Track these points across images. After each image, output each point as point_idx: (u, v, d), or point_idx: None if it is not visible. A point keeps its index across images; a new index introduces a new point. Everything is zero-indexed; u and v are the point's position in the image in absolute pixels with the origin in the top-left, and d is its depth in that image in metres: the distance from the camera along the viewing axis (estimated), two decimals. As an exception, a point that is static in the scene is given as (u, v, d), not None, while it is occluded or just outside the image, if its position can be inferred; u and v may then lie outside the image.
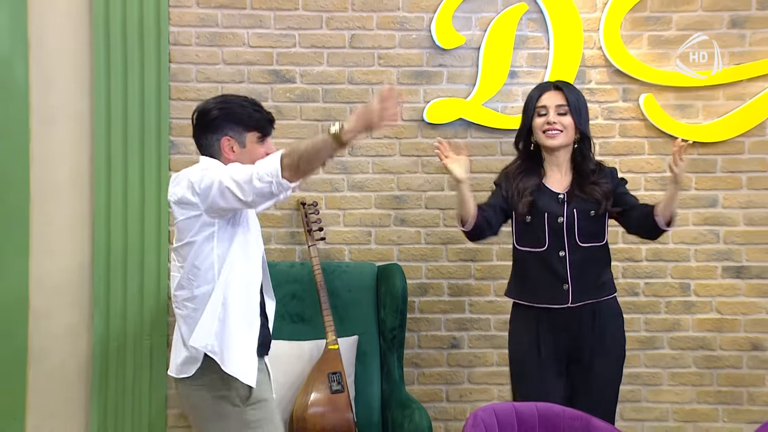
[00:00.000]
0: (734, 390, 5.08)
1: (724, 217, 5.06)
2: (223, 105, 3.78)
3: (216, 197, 3.52)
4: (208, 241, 3.65)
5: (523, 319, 4.34)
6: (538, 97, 4.24)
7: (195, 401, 3.65)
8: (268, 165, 3.44)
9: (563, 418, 3.87)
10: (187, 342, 3.63)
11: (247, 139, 3.75)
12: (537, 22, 5.02)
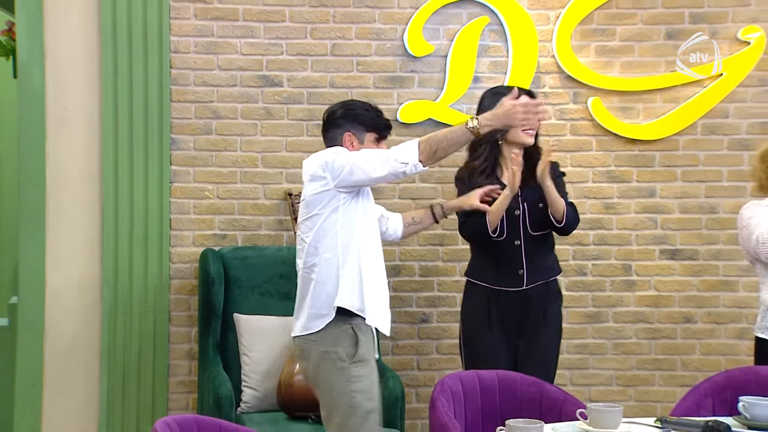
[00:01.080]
0: (669, 358, 5.19)
1: (661, 206, 5.18)
2: (350, 107, 4.08)
3: (346, 174, 3.77)
4: (334, 213, 3.85)
5: (477, 297, 4.43)
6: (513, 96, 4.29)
7: (311, 355, 3.85)
8: (406, 150, 3.72)
9: (520, 383, 3.92)
10: (315, 305, 3.86)
11: (366, 138, 4.01)
12: (497, 33, 5.10)
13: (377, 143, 4.03)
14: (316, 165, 3.89)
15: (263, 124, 5.05)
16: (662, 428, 3.28)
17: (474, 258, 4.52)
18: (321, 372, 3.85)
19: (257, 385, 4.69)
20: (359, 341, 3.81)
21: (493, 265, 4.39)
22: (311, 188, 3.89)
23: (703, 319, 5.20)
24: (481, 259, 4.46)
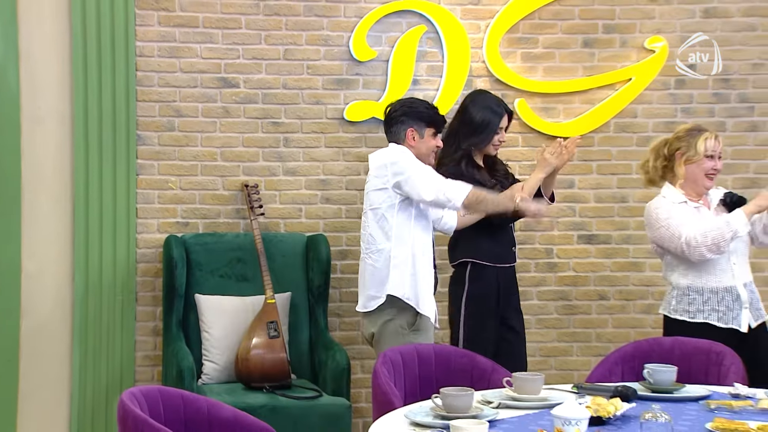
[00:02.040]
0: (585, 331, 5.31)
1: (578, 195, 5.29)
2: (411, 105, 4.36)
3: (401, 182, 4.12)
4: (391, 209, 4.17)
5: (485, 279, 4.51)
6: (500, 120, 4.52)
7: (376, 322, 4.22)
8: (455, 192, 4.10)
9: (454, 355, 3.98)
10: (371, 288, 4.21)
11: (426, 133, 4.30)
12: (434, 41, 5.16)
13: (434, 137, 4.34)
14: (380, 162, 4.21)
15: (222, 121, 5.11)
16: (578, 393, 3.36)
17: (479, 241, 4.54)
18: (383, 337, 4.21)
19: (216, 358, 4.76)
20: (419, 314, 4.15)
21: (498, 245, 4.53)
22: (373, 183, 4.23)
23: (615, 297, 5.31)
24: (489, 241, 4.53)
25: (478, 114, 4.53)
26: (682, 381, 3.57)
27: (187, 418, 3.18)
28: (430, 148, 4.35)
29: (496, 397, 3.32)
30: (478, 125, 4.52)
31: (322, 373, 4.82)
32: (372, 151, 5.08)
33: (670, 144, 4.31)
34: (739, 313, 4.24)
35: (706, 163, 4.23)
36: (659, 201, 4.31)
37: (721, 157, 4.29)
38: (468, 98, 4.67)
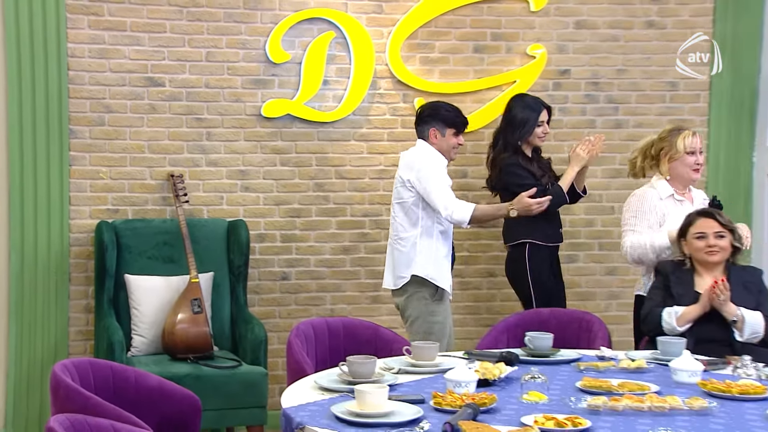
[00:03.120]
0: (477, 304, 5.41)
1: (471, 184, 5.33)
2: (435, 108, 4.54)
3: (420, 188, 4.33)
4: (416, 204, 4.40)
5: (543, 256, 4.72)
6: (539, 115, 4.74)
7: (404, 293, 4.45)
8: (463, 212, 4.30)
9: (360, 327, 4.08)
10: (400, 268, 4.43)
11: (447, 133, 4.49)
12: (342, 45, 5.19)
13: (456, 137, 4.51)
14: (408, 162, 4.42)
15: (149, 117, 5.07)
16: (468, 359, 3.46)
17: (536, 224, 4.64)
18: (409, 305, 4.44)
19: (145, 332, 4.75)
20: (439, 288, 4.39)
21: (551, 227, 4.71)
22: (401, 180, 4.42)
23: (502, 274, 5.22)
24: (544, 223, 4.67)
25: (519, 113, 4.77)
26: (557, 346, 3.71)
27: (116, 386, 3.20)
28: (451, 145, 4.51)
29: (396, 363, 3.39)
30: (519, 122, 4.75)
31: (241, 345, 4.84)
32: (287, 143, 5.19)
33: (654, 145, 4.36)
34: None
35: (688, 159, 4.29)
36: (645, 192, 4.34)
37: (702, 152, 4.35)
38: (511, 101, 4.88)
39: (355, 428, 2.66)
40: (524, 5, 5.33)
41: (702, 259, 3.94)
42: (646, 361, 3.47)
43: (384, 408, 2.73)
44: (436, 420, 2.69)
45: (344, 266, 5.32)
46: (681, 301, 3.90)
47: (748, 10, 5.35)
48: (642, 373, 3.35)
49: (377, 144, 5.30)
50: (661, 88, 5.42)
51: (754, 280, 3.96)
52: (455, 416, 2.67)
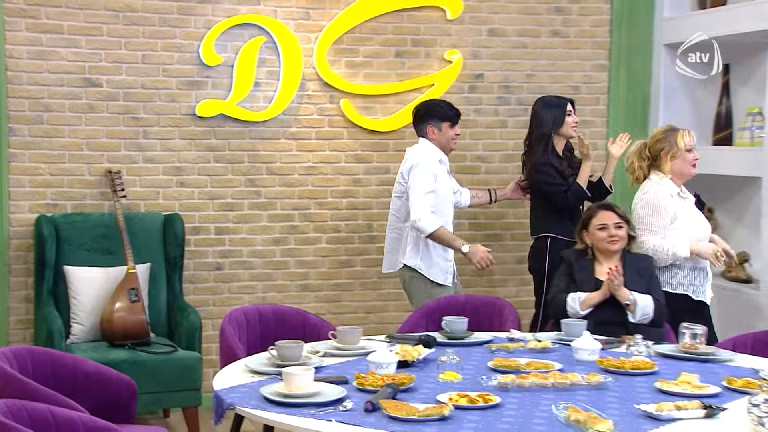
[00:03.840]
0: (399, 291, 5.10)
1: (394, 180, 5.06)
2: (429, 105, 4.65)
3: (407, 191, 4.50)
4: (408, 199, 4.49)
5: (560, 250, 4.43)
6: (565, 107, 4.68)
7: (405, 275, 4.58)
8: (427, 225, 4.40)
9: (289, 314, 4.07)
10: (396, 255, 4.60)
11: (443, 126, 4.59)
12: (272, 49, 5.15)
13: (452, 128, 4.60)
14: (410, 161, 4.51)
15: (87, 116, 4.98)
16: (389, 342, 3.49)
17: (555, 220, 4.64)
18: (412, 286, 4.56)
19: (83, 321, 4.68)
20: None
21: (573, 224, 4.52)
22: (400, 176, 4.54)
23: None
24: (567, 219, 4.63)
25: (545, 112, 4.71)
26: (472, 329, 3.75)
27: (54, 373, 3.17)
28: (449, 138, 4.60)
29: (322, 347, 3.41)
30: (548, 118, 4.68)
31: (177, 332, 4.79)
32: (220, 141, 5.17)
33: (651, 147, 4.29)
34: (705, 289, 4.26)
35: (688, 156, 4.24)
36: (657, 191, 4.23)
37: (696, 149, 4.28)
38: (536, 104, 4.81)
39: (282, 408, 2.67)
40: (441, 14, 5.36)
41: (604, 248, 4.03)
42: (551, 341, 3.55)
43: (310, 389, 2.75)
44: (358, 399, 2.72)
45: (275, 257, 5.31)
46: (583, 287, 3.99)
47: (640, 23, 5.48)
48: (547, 352, 3.42)
49: (306, 142, 5.29)
50: (565, 92, 5.47)
51: (646, 266, 4.06)
52: (376, 395, 2.70)
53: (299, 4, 5.20)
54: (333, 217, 5.35)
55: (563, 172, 4.67)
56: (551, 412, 2.63)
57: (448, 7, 5.34)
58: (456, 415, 2.60)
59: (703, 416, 2.63)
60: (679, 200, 4.25)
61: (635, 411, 2.66)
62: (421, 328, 4.05)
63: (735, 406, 2.70)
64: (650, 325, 3.91)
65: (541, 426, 2.54)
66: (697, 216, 4.31)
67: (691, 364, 3.26)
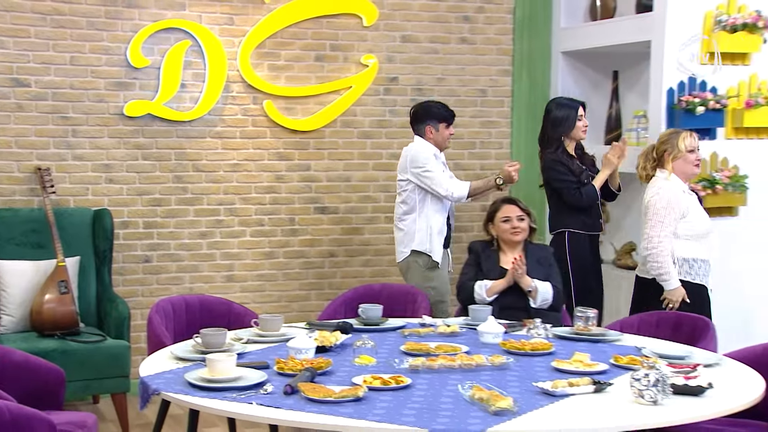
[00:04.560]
0: (320, 281, 5.41)
1: (314, 176, 5.35)
2: (425, 106, 4.63)
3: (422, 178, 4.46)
4: (412, 193, 4.52)
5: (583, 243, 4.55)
6: (577, 110, 4.57)
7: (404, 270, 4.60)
8: (460, 190, 4.48)
9: (215, 303, 4.02)
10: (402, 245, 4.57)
11: (440, 127, 4.57)
12: (197, 52, 5.08)
13: (447, 128, 4.61)
14: (410, 156, 4.52)
15: (15, 115, 4.83)
16: (309, 329, 3.49)
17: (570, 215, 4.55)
18: (409, 272, 4.58)
19: (13, 312, 4.55)
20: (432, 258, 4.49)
21: (590, 218, 4.57)
22: (401, 173, 4.51)
23: (342, 254, 5.42)
24: (584, 214, 4.57)
25: (558, 112, 4.61)
26: (387, 316, 3.77)
27: (-19, 362, 3.08)
28: (445, 138, 4.60)
29: (245, 334, 3.38)
30: (561, 119, 4.58)
31: (107, 322, 4.69)
32: (148, 140, 5.08)
33: (657, 148, 4.26)
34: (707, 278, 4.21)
35: (690, 156, 4.18)
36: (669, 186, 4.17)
37: (699, 149, 4.24)
38: (548, 105, 4.72)
39: (205, 392, 2.65)
40: (358, 21, 5.36)
41: (508, 239, 4.10)
42: (459, 326, 3.58)
43: (232, 374, 2.73)
44: (278, 383, 2.72)
45: (201, 249, 5.25)
46: (489, 275, 4.05)
47: (539, 32, 5.59)
48: (456, 336, 3.45)
49: (230, 141, 5.23)
50: (473, 95, 5.59)
51: (546, 255, 4.15)
52: (295, 379, 2.70)
53: (223, 10, 5.14)
54: (257, 211, 5.31)
55: (574, 170, 4.58)
56: (458, 391, 2.66)
57: (364, 15, 5.35)
58: (370, 396, 2.61)
59: (593, 391, 2.70)
60: (688, 196, 4.22)
61: (533, 388, 2.71)
62: (339, 315, 4.05)
63: (620, 381, 2.78)
64: (549, 309, 4.00)
65: (447, 404, 2.57)
66: (702, 212, 4.26)
67: (583, 344, 3.33)
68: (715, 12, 4.69)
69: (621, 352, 3.15)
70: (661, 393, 2.59)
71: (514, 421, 2.43)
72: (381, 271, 5.46)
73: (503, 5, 5.58)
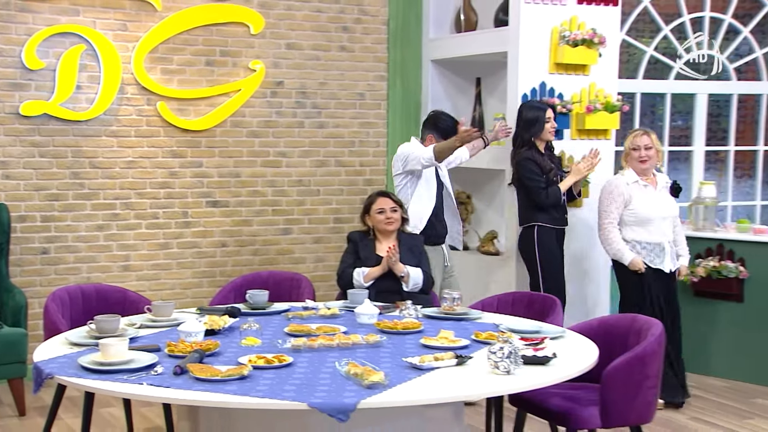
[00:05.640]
0: (211, 269, 5.30)
1: (206, 173, 5.20)
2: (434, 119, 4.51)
3: (408, 162, 4.36)
4: (405, 187, 4.45)
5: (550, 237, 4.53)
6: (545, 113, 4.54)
7: None
8: (426, 152, 4.28)
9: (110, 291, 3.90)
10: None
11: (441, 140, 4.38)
12: (92, 56, 4.90)
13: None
14: (398, 154, 4.46)
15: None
16: (199, 314, 3.40)
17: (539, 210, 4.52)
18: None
19: None
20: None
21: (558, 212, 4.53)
22: (395, 168, 4.48)
23: (232, 245, 5.34)
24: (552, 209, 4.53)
25: (529, 113, 4.55)
26: (273, 300, 3.76)
27: None
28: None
29: (139, 320, 3.30)
30: (531, 120, 4.52)
31: (3, 311, 4.48)
32: (45, 138, 4.88)
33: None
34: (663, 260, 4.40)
35: (633, 154, 4.37)
36: (614, 180, 4.44)
37: (649, 147, 4.36)
38: (520, 107, 4.66)
39: (98, 375, 2.57)
40: (246, 29, 5.28)
41: (382, 228, 4.13)
42: (339, 308, 3.59)
43: (124, 357, 2.66)
44: (168, 364, 2.66)
45: (98, 241, 5.07)
46: (366, 262, 4.08)
47: (411, 42, 5.65)
48: (335, 318, 3.46)
49: (126, 139, 5.07)
50: (352, 98, 5.60)
51: (417, 244, 4.21)
52: (184, 360, 2.65)
53: (117, 16, 4.97)
54: (152, 205, 5.17)
55: (545, 167, 4.54)
56: (335, 368, 2.67)
57: (252, 24, 5.27)
58: (254, 374, 2.59)
59: (455, 364, 2.75)
60: (637, 187, 4.38)
61: (403, 363, 2.74)
62: (229, 300, 3.99)
63: (479, 354, 2.85)
64: (420, 292, 4.06)
65: (325, 380, 2.58)
66: (654, 200, 4.41)
67: (449, 323, 3.38)
68: (560, 28, 4.86)
69: (481, 328, 3.23)
70: (513, 364, 2.67)
71: (385, 394, 2.45)
72: (269, 259, 5.42)
73: (378, 17, 5.62)
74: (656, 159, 4.44)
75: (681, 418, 4.35)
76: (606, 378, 2.95)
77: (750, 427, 4.25)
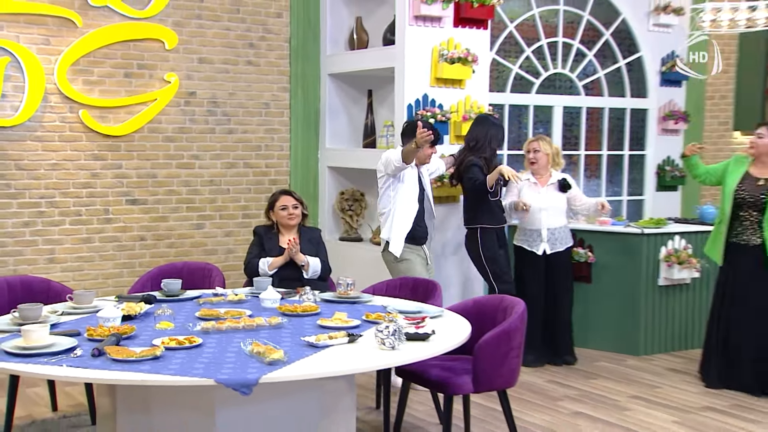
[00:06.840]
0: (131, 261, 5.12)
1: (125, 174, 5.08)
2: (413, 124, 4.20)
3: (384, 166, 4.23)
4: (388, 189, 4.28)
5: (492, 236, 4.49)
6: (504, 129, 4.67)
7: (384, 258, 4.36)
8: (395, 155, 4.14)
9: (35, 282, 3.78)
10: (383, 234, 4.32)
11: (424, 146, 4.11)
12: (17, 68, 4.69)
13: (431, 147, 4.26)
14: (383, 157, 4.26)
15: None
16: (118, 301, 3.36)
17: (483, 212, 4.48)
18: (384, 261, 4.34)
19: None
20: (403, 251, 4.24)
21: (497, 213, 4.47)
22: (379, 171, 4.29)
23: (150, 238, 5.20)
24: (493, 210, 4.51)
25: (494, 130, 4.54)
26: (186, 288, 3.74)
27: None
28: (427, 155, 4.28)
29: (61, 308, 3.23)
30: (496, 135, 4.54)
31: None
32: (-30, 142, 4.64)
33: None
34: (539, 244, 4.71)
35: (527, 156, 4.80)
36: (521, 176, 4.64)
37: (537, 151, 4.70)
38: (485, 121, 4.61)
39: (20, 359, 2.50)
40: (161, 44, 5.16)
41: (285, 223, 4.15)
42: (246, 295, 3.60)
43: (45, 341, 2.60)
44: (87, 347, 2.63)
45: (25, 237, 4.86)
46: (270, 253, 4.09)
47: (310, 57, 5.64)
48: (242, 303, 3.47)
49: (50, 144, 4.87)
50: (258, 107, 5.56)
51: (315, 236, 4.24)
52: (102, 343, 2.62)
53: (40, 32, 4.76)
54: (75, 203, 5.00)
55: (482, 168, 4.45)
56: (240, 347, 2.69)
57: (166, 40, 5.16)
58: (166, 355, 2.58)
59: (347, 342, 2.82)
60: (528, 184, 4.74)
61: (301, 342, 2.78)
62: (146, 289, 3.93)
63: (369, 333, 2.92)
64: (319, 279, 4.10)
65: (231, 358, 2.59)
66: (537, 195, 4.70)
67: (343, 305, 3.43)
68: (440, 47, 4.99)
69: (371, 310, 3.30)
70: (397, 340, 2.76)
71: (284, 369, 2.49)
72: (184, 251, 5.33)
73: (281, 35, 5.60)
74: (546, 161, 4.74)
75: (539, 381, 4.56)
76: (477, 350, 3.07)
77: (594, 385, 4.50)
